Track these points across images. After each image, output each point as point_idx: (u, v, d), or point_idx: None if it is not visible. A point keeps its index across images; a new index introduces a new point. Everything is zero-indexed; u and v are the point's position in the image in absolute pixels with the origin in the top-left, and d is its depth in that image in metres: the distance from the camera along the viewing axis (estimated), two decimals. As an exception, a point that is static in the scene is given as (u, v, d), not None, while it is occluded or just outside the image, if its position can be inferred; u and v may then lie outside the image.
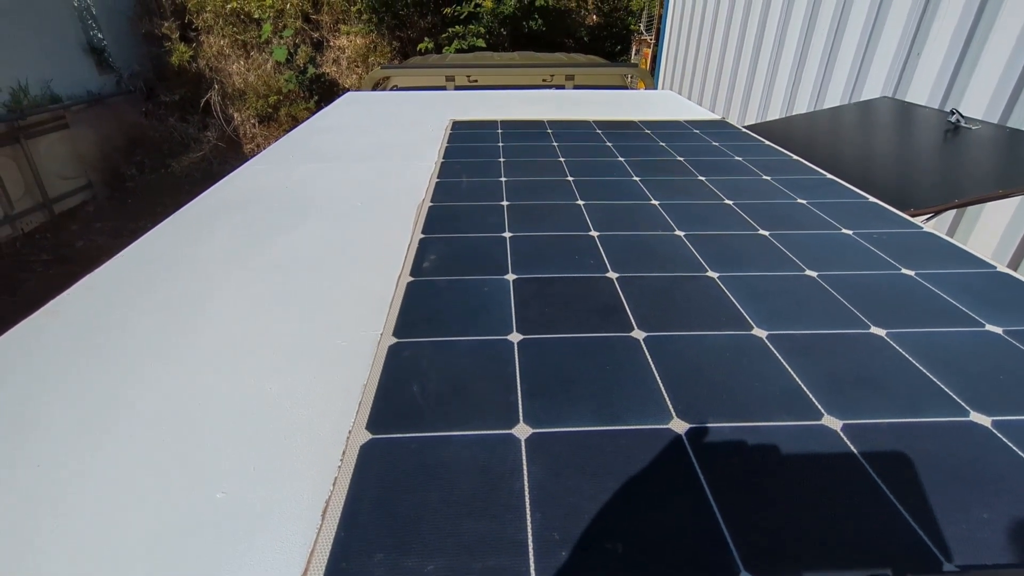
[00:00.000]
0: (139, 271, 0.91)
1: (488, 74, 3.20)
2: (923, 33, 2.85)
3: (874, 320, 0.75)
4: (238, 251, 0.98)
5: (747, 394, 0.61)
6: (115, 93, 7.84)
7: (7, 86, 6.13)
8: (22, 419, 0.60)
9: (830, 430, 0.56)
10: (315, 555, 0.44)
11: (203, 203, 1.21)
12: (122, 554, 0.45)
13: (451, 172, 1.36)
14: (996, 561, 0.43)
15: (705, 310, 0.78)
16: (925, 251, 0.95)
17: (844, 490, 0.49)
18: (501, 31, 8.26)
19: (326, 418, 0.59)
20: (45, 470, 0.53)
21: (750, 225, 1.06)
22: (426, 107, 2.21)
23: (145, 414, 0.60)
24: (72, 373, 0.67)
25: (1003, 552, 0.44)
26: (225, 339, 0.73)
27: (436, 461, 0.53)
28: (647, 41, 8.93)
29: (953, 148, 1.85)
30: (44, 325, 0.77)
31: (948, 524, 0.46)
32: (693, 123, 1.89)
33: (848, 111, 2.55)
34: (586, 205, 1.16)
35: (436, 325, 0.74)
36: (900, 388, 0.62)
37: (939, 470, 0.51)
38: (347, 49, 8.63)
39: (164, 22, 8.25)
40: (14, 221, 6.06)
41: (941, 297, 0.81)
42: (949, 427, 0.57)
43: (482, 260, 0.92)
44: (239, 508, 0.49)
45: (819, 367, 0.66)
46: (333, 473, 0.52)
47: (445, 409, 0.59)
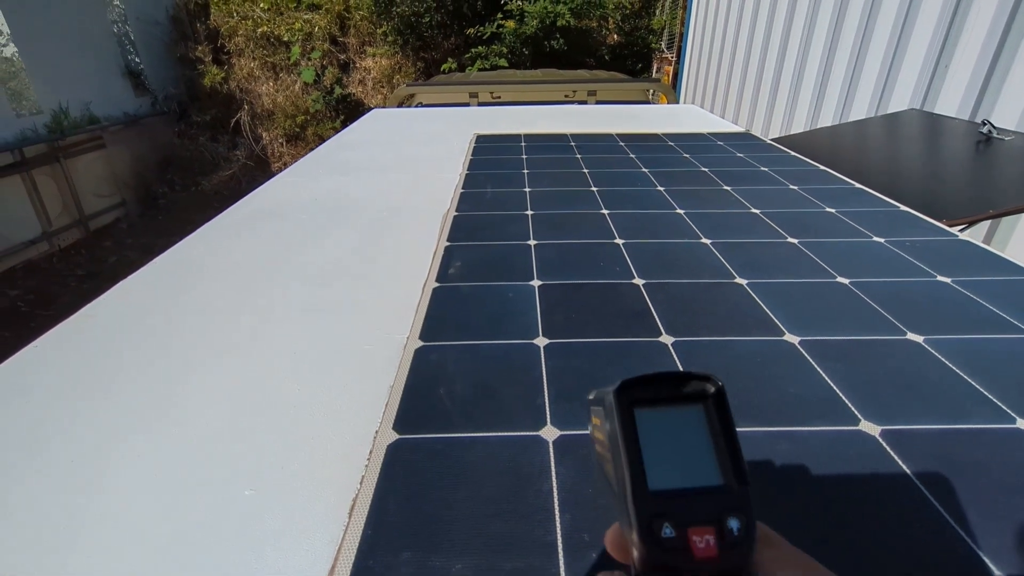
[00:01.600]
0: (173, 277, 0.94)
1: (511, 90, 3.24)
2: (951, 44, 2.81)
3: (910, 327, 0.73)
4: (268, 259, 1.00)
5: (780, 399, 0.60)
6: (150, 114, 8.14)
7: (49, 108, 6.40)
8: (59, 417, 0.61)
9: (869, 436, 0.54)
10: (342, 552, 0.44)
11: (234, 213, 1.24)
12: (151, 548, 0.45)
13: (475, 183, 1.37)
14: (1052, 572, 0.41)
15: (734, 316, 0.77)
16: (961, 259, 0.93)
17: (887, 498, 0.48)
18: (523, 51, 8.37)
19: (353, 419, 0.59)
20: (78, 466, 0.54)
21: (778, 233, 1.05)
22: (450, 122, 2.24)
23: (177, 415, 0.61)
24: (106, 374, 0.68)
25: (1060, 563, 0.41)
26: (255, 342, 0.74)
27: (463, 462, 0.52)
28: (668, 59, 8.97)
29: (986, 159, 1.81)
30: (81, 328, 0.79)
31: (998, 533, 0.44)
32: (717, 135, 1.88)
33: (875, 123, 2.52)
34: (611, 214, 1.15)
35: (462, 329, 0.74)
36: (941, 394, 0.60)
37: (986, 478, 0.49)
38: (373, 70, 8.83)
39: (198, 46, 8.57)
40: (51, 237, 6.28)
41: (980, 304, 0.79)
42: (995, 434, 0.54)
43: (507, 267, 0.92)
44: (267, 505, 0.49)
45: (854, 373, 0.64)
46: (360, 472, 0.52)
47: (471, 411, 0.59)
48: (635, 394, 0.25)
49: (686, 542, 0.22)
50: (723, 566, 0.22)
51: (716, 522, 0.22)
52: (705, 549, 0.22)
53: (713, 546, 0.22)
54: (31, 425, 0.60)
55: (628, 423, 0.24)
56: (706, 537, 0.22)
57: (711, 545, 0.22)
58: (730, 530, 0.22)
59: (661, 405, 0.25)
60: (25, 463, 0.54)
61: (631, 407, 0.24)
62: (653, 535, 0.22)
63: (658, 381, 0.25)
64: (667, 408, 0.25)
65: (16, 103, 6.15)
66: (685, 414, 0.25)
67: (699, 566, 0.21)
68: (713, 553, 0.22)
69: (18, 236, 5.90)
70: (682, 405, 0.25)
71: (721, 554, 0.22)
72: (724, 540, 0.22)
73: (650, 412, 0.25)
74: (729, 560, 0.22)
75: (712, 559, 0.22)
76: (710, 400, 0.25)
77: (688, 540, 0.22)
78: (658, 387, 0.25)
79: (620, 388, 0.25)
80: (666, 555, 0.22)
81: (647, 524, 0.22)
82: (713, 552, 0.22)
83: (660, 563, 0.22)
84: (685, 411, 0.25)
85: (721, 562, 0.22)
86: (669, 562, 0.22)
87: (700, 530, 0.22)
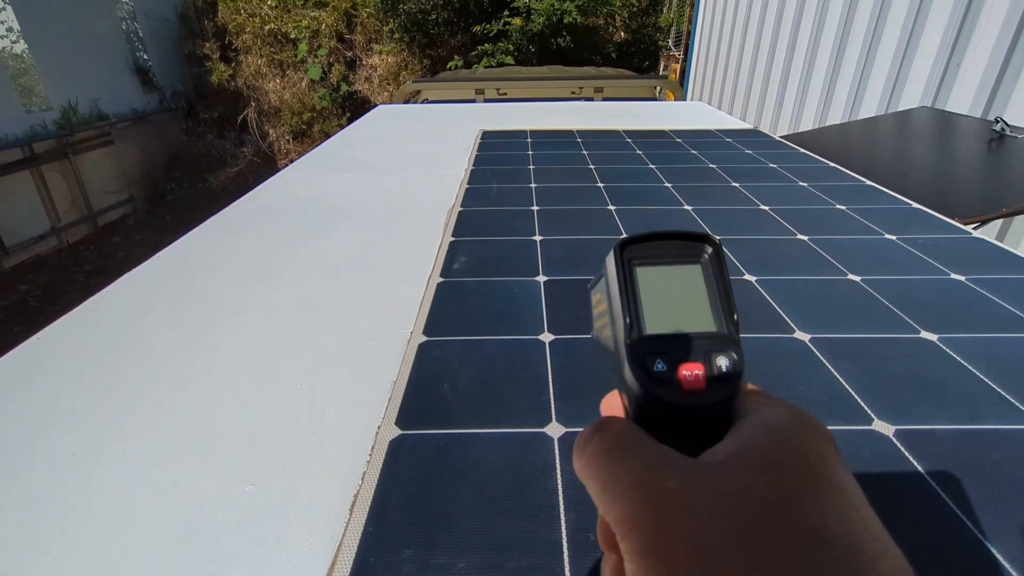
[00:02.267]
0: (176, 271, 0.93)
1: (517, 87, 3.22)
2: (963, 41, 2.77)
3: (924, 325, 0.72)
4: (272, 254, 0.99)
5: (790, 397, 0.58)
6: (158, 111, 8.18)
7: (58, 104, 6.44)
8: (59, 411, 0.60)
9: (882, 435, 0.53)
10: (343, 549, 0.43)
11: (239, 209, 1.24)
12: (151, 543, 0.45)
13: (481, 179, 1.37)
14: (1074, 577, 0.39)
15: (744, 313, 0.75)
16: (975, 256, 0.91)
17: (902, 498, 0.46)
18: (530, 48, 8.35)
19: (355, 414, 0.59)
20: (79, 459, 0.53)
21: (787, 230, 1.03)
22: (456, 118, 2.23)
23: (178, 409, 0.60)
24: (108, 368, 0.68)
25: (1081, 568, 0.40)
26: (258, 337, 0.73)
27: (466, 458, 0.52)
28: (675, 57, 8.92)
29: (998, 157, 1.78)
30: (85, 320, 0.78)
31: (1014, 535, 0.43)
32: (725, 132, 1.87)
33: (886, 121, 2.49)
34: (617, 210, 1.14)
35: (466, 324, 0.73)
36: (956, 394, 0.59)
37: (1002, 478, 0.48)
38: (379, 67, 8.84)
39: (206, 43, 8.60)
40: (60, 233, 6.32)
41: (995, 302, 0.77)
42: (1013, 435, 0.53)
43: (512, 262, 0.91)
44: (267, 501, 0.48)
45: (866, 371, 0.63)
46: (362, 468, 0.51)
47: (475, 407, 0.58)
48: (634, 252, 0.26)
49: (676, 376, 0.23)
50: (709, 398, 0.23)
51: (705, 359, 0.24)
52: (693, 381, 0.23)
53: (701, 379, 0.23)
54: (31, 418, 0.59)
55: (627, 276, 0.25)
56: (695, 371, 0.23)
57: (700, 378, 0.23)
58: (719, 367, 0.23)
59: (661, 262, 0.26)
60: (24, 457, 0.54)
61: (631, 262, 0.26)
62: (645, 369, 0.23)
63: (658, 239, 0.26)
64: (666, 265, 0.26)
65: (26, 99, 6.19)
66: (683, 270, 0.26)
67: (687, 397, 0.23)
68: (701, 385, 0.23)
69: (27, 231, 5.95)
70: (681, 262, 0.26)
71: (708, 387, 0.23)
72: (712, 375, 0.23)
73: (649, 267, 0.26)
74: (716, 393, 0.23)
75: (699, 391, 0.23)
76: (708, 258, 0.26)
77: (678, 374, 0.23)
78: (658, 246, 0.26)
79: (621, 244, 0.26)
80: (657, 387, 0.23)
81: (641, 360, 0.24)
82: (701, 384, 0.23)
83: (651, 395, 0.23)
84: (683, 268, 0.26)
85: (708, 394, 0.23)
86: (659, 394, 0.23)
87: (690, 365, 0.23)
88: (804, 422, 0.22)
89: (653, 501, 0.20)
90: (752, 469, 0.20)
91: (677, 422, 0.23)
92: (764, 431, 0.22)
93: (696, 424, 0.23)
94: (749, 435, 0.22)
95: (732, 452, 0.21)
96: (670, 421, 0.24)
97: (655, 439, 0.23)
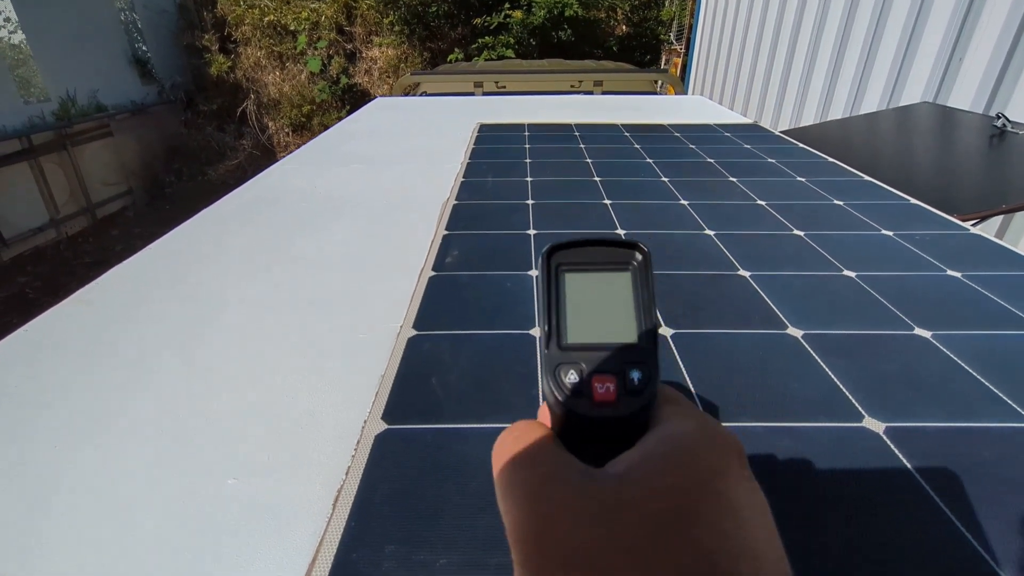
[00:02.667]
0: (169, 262, 0.93)
1: (516, 80, 3.20)
2: (966, 36, 2.75)
3: (918, 322, 0.71)
4: (264, 246, 0.98)
5: (781, 394, 0.58)
6: (157, 103, 8.15)
7: (57, 96, 6.41)
8: (47, 401, 0.60)
9: (872, 433, 0.53)
10: (324, 545, 0.42)
11: (234, 200, 1.23)
12: (131, 535, 0.44)
13: (477, 172, 1.36)
14: (1062, 577, 0.39)
15: (737, 308, 0.75)
16: (973, 253, 0.90)
17: (891, 495, 0.46)
18: (531, 41, 8.31)
19: (342, 408, 0.58)
20: (62, 451, 0.53)
21: (784, 225, 1.02)
22: (454, 111, 2.22)
23: (164, 401, 0.60)
24: (96, 362, 0.67)
25: (1070, 568, 0.40)
26: (247, 330, 0.73)
27: (453, 453, 0.51)
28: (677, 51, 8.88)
29: (999, 153, 1.77)
30: (75, 312, 0.78)
31: (1004, 534, 0.42)
32: (724, 126, 1.85)
33: (887, 116, 2.47)
34: (613, 204, 1.13)
35: (457, 318, 0.73)
36: (949, 391, 0.58)
37: (993, 477, 0.47)
38: (379, 60, 8.80)
39: (204, 35, 8.55)
40: (59, 225, 6.32)
41: (991, 299, 0.76)
42: (1005, 433, 0.52)
43: (506, 256, 0.90)
44: (249, 495, 0.48)
45: (859, 368, 0.62)
46: (347, 463, 0.51)
47: (464, 402, 0.58)
48: (563, 257, 0.26)
49: (589, 388, 0.24)
50: (620, 411, 0.23)
51: (619, 372, 0.24)
52: (604, 394, 0.23)
53: (612, 392, 0.23)
54: (17, 409, 0.59)
55: (553, 283, 0.26)
56: (607, 384, 0.24)
57: (611, 391, 0.23)
58: (631, 379, 0.24)
59: (589, 269, 0.26)
60: (8, 448, 0.54)
61: (558, 268, 0.26)
62: (557, 380, 0.24)
63: (587, 246, 0.26)
64: (594, 272, 0.26)
65: (24, 90, 6.17)
66: (610, 278, 0.26)
67: (597, 409, 0.23)
68: (612, 398, 0.23)
69: (26, 223, 5.94)
70: (609, 270, 0.26)
71: (619, 399, 0.23)
72: (624, 388, 0.24)
73: (577, 274, 0.26)
74: (626, 406, 0.23)
75: (610, 403, 0.23)
76: (636, 266, 0.26)
77: (591, 386, 0.24)
78: (587, 251, 0.26)
79: (549, 250, 0.26)
80: (569, 399, 0.24)
81: (554, 371, 0.24)
82: (612, 397, 0.23)
83: (565, 406, 0.24)
84: (611, 276, 0.26)
85: (618, 407, 0.23)
86: (571, 406, 0.24)
87: (603, 378, 0.24)
88: (709, 437, 0.22)
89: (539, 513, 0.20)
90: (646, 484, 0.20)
91: (589, 432, 0.24)
92: (666, 445, 0.22)
93: (607, 435, 0.24)
94: (650, 449, 0.22)
95: (632, 464, 0.21)
96: (582, 431, 0.24)
97: (565, 447, 0.24)
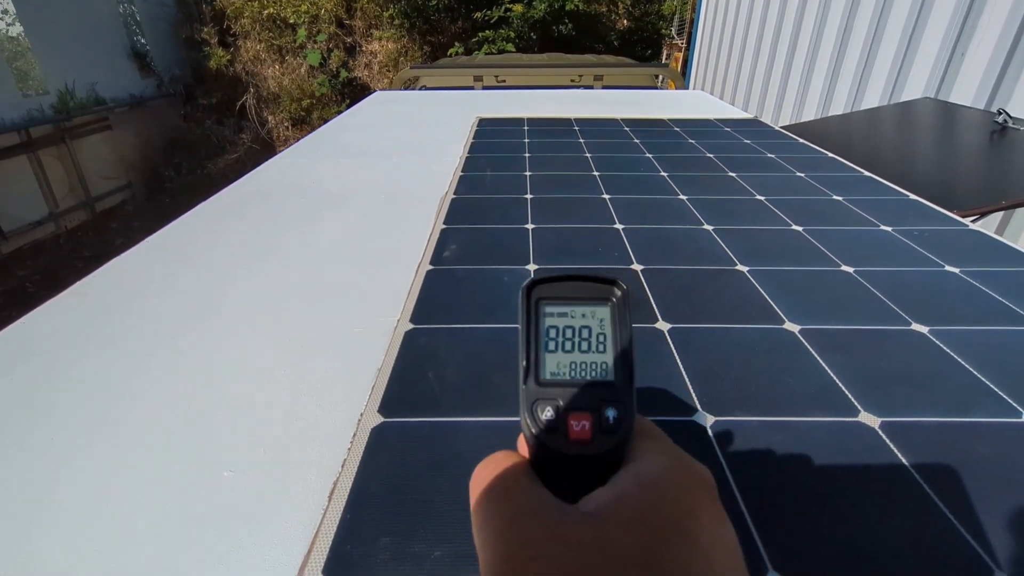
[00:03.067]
0: (166, 256, 0.92)
1: (516, 74, 3.19)
2: (968, 31, 2.74)
3: (915, 317, 0.71)
4: (262, 240, 0.98)
5: (777, 388, 0.58)
6: (156, 96, 8.12)
7: (55, 89, 6.39)
8: (41, 395, 0.60)
9: (867, 427, 0.53)
10: (319, 536, 0.43)
11: (232, 193, 1.23)
12: (128, 528, 0.44)
13: (475, 167, 1.35)
14: (1055, 571, 0.39)
15: (734, 303, 0.75)
16: (971, 249, 0.90)
17: (884, 490, 0.46)
18: (531, 35, 8.28)
19: (338, 402, 0.58)
20: (59, 443, 0.53)
21: (782, 220, 1.02)
22: (453, 105, 2.21)
23: (161, 394, 0.60)
24: (92, 355, 0.67)
25: (1063, 562, 0.40)
26: (244, 323, 0.73)
27: (449, 446, 0.51)
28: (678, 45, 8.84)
29: (1000, 149, 1.76)
30: (70, 305, 0.78)
31: (997, 528, 0.42)
32: (724, 121, 1.85)
33: (888, 112, 2.47)
34: (611, 199, 1.13)
35: (454, 312, 0.73)
36: (945, 387, 0.58)
37: (987, 472, 0.47)
38: (379, 54, 8.76)
39: (204, 27, 8.52)
40: (58, 219, 6.31)
41: (989, 295, 0.76)
42: (1000, 428, 0.52)
43: (503, 250, 0.90)
44: (245, 487, 0.48)
45: (855, 363, 0.62)
46: (342, 456, 0.51)
47: (460, 395, 0.58)
48: (543, 291, 0.26)
49: (565, 425, 0.24)
50: (595, 449, 0.24)
51: (595, 410, 0.24)
52: (580, 432, 0.24)
53: (588, 430, 0.24)
54: (12, 403, 0.59)
55: (532, 317, 0.26)
56: (583, 422, 0.24)
57: (586, 429, 0.24)
58: (606, 418, 0.24)
59: (568, 303, 0.26)
60: (3, 442, 0.54)
61: (538, 303, 0.26)
62: (534, 416, 0.24)
63: (567, 281, 0.27)
64: (573, 306, 0.26)
65: (22, 83, 6.14)
66: (589, 313, 0.26)
67: (572, 447, 0.24)
68: (587, 436, 0.24)
69: (25, 217, 5.93)
70: (588, 305, 0.26)
71: (594, 437, 0.24)
72: (600, 426, 0.24)
73: (556, 308, 0.26)
74: (601, 444, 0.24)
75: (585, 441, 0.24)
76: (615, 303, 0.26)
77: (566, 423, 0.24)
78: (567, 287, 0.27)
79: (529, 285, 0.26)
80: (546, 435, 0.24)
81: (531, 407, 0.24)
82: (587, 435, 0.24)
83: (540, 442, 0.24)
84: (590, 310, 0.26)
85: (593, 444, 0.24)
86: (547, 442, 0.24)
87: (578, 415, 0.24)
88: (680, 474, 0.23)
89: (509, 551, 0.21)
90: (616, 522, 0.21)
91: (564, 468, 0.24)
92: (637, 483, 0.22)
93: (582, 471, 0.24)
94: (623, 487, 0.22)
95: (604, 503, 0.22)
96: (557, 466, 0.24)
97: (540, 482, 0.24)
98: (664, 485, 0.22)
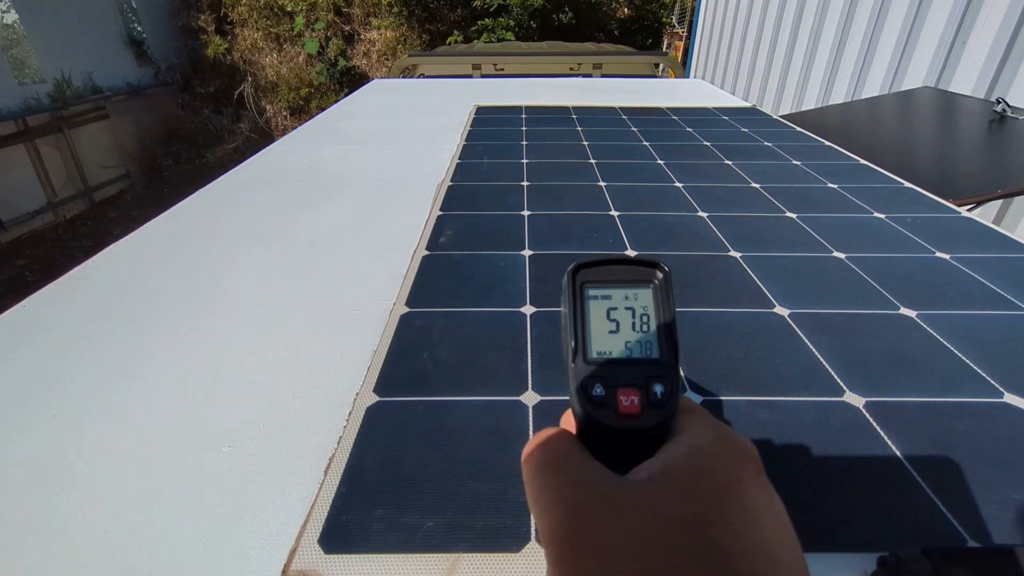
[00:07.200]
0: (166, 240, 0.93)
1: (515, 62, 3.18)
2: (969, 20, 2.73)
3: (904, 301, 0.72)
4: (260, 225, 0.99)
5: (765, 369, 0.59)
6: (153, 85, 8.07)
7: (52, 77, 6.35)
8: (48, 376, 0.61)
9: (852, 407, 0.54)
10: (316, 508, 0.44)
11: (231, 179, 1.23)
12: (128, 502, 0.46)
13: (473, 154, 1.36)
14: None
15: (726, 288, 0.76)
16: (962, 236, 0.91)
17: (867, 467, 0.47)
18: (531, 24, 8.22)
19: (335, 382, 0.59)
20: (60, 421, 0.54)
21: (777, 208, 1.03)
22: (452, 93, 2.21)
23: (161, 372, 0.61)
24: (94, 336, 0.68)
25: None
26: (242, 307, 0.74)
27: (442, 424, 0.52)
28: (679, 34, 8.79)
29: (998, 138, 1.77)
30: (71, 289, 0.79)
31: (976, 504, 0.43)
32: (722, 110, 1.85)
33: (887, 101, 2.46)
34: (608, 186, 1.14)
35: (449, 296, 0.74)
36: (929, 368, 0.59)
37: (968, 450, 0.49)
38: (377, 42, 8.71)
39: (200, 15, 8.45)
40: (56, 208, 6.30)
41: (977, 280, 0.77)
42: (981, 407, 0.54)
43: (499, 236, 0.91)
44: (244, 462, 0.49)
45: (842, 345, 0.63)
46: (338, 433, 0.52)
47: (454, 375, 0.59)
48: (588, 275, 0.28)
49: (614, 400, 0.25)
50: (644, 423, 0.25)
51: (643, 386, 0.25)
52: (629, 407, 0.25)
53: (637, 405, 0.25)
54: (14, 385, 0.60)
55: (578, 299, 0.27)
56: (631, 397, 0.25)
57: (635, 404, 0.25)
58: (654, 393, 0.25)
59: (612, 286, 0.28)
60: (6, 422, 0.55)
61: (583, 286, 0.27)
62: (585, 392, 0.25)
63: (611, 264, 0.28)
64: (617, 288, 0.28)
65: (18, 71, 6.11)
66: (632, 295, 0.27)
67: (622, 420, 0.25)
68: (636, 410, 0.25)
69: (23, 206, 5.92)
70: (631, 287, 0.28)
71: (643, 412, 0.25)
72: (648, 401, 0.25)
73: (600, 290, 0.27)
74: (650, 418, 0.25)
75: (634, 415, 0.25)
76: (658, 284, 0.27)
77: (616, 399, 0.25)
78: (610, 270, 0.28)
79: (574, 269, 0.28)
80: (596, 410, 0.25)
81: (582, 383, 0.25)
82: (636, 409, 0.25)
83: (590, 418, 0.25)
84: (633, 292, 0.27)
85: (642, 419, 0.25)
86: (597, 416, 0.25)
87: (627, 391, 0.25)
88: (726, 445, 0.24)
89: (570, 516, 0.22)
90: (668, 490, 0.22)
91: (614, 442, 0.25)
92: (687, 453, 0.23)
93: (631, 444, 0.25)
94: (672, 457, 0.23)
95: (655, 472, 0.23)
96: (607, 440, 0.25)
97: (591, 455, 0.25)
98: (712, 455, 0.23)
